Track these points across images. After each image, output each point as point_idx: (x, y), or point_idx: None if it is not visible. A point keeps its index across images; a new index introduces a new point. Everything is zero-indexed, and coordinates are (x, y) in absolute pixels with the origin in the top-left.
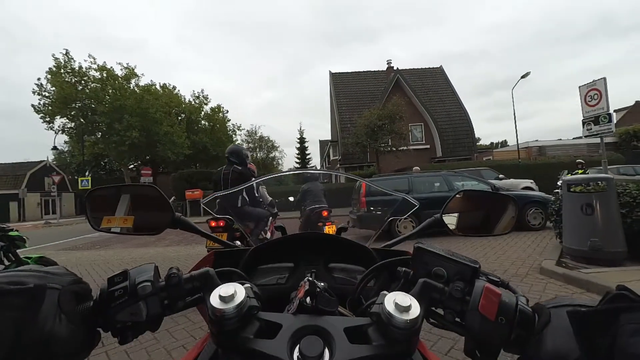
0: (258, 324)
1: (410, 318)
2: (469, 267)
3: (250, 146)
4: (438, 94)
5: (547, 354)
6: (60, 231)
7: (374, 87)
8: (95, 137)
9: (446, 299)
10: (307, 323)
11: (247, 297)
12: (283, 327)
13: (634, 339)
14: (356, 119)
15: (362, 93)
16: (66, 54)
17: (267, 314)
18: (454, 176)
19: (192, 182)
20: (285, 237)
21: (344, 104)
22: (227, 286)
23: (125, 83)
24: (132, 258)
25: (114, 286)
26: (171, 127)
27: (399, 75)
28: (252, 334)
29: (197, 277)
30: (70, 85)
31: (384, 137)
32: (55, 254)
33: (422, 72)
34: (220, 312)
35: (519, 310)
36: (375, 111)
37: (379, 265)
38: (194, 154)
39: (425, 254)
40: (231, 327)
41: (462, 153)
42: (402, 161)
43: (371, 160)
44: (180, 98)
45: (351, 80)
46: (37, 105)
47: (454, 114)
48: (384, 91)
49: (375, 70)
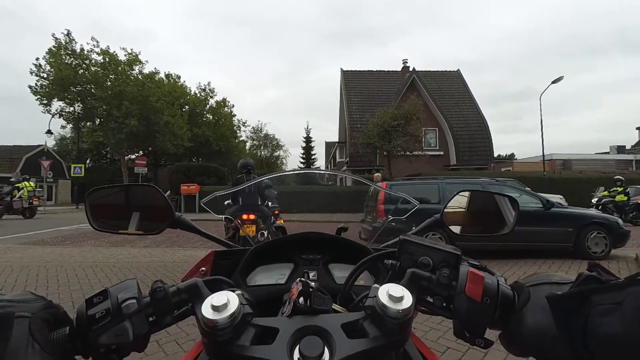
0: (254, 331)
1: (403, 308)
2: (453, 254)
3: (255, 143)
4: (454, 99)
5: (528, 329)
6: (42, 221)
7: (387, 87)
8: (94, 123)
9: (434, 286)
10: (304, 324)
11: (240, 304)
12: (280, 331)
13: (604, 319)
14: (368, 118)
15: (374, 92)
16: (67, 35)
17: (262, 320)
18: (495, 185)
19: (190, 176)
20: (285, 237)
21: (354, 103)
22: (219, 295)
23: (128, 69)
24: (98, 260)
25: (93, 307)
26: (172, 118)
27: (415, 75)
28: (248, 342)
29: (184, 289)
30: (69, 67)
31: (397, 139)
32: (12, 249)
33: (438, 75)
34: (213, 323)
35: (501, 290)
36: (390, 110)
37: (366, 259)
38: (195, 147)
39: (410, 245)
40: (225, 337)
41: (478, 162)
42: (415, 166)
43: (380, 164)
44: (185, 89)
45: (363, 79)
46: (34, 87)
47: (470, 121)
48: (399, 91)
49: (388, 70)
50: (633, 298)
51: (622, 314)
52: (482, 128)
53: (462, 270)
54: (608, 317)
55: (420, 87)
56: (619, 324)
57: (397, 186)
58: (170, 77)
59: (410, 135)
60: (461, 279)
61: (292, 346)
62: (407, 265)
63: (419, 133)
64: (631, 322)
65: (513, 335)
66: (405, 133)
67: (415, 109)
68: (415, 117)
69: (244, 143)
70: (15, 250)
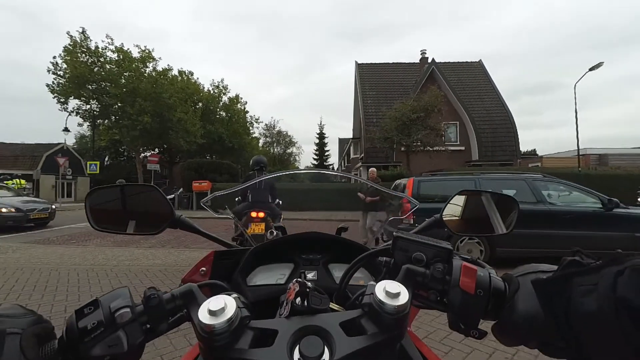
0: (252, 334)
1: (400, 303)
2: (445, 249)
3: (268, 140)
4: (476, 91)
5: (519, 316)
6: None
7: (404, 79)
8: (110, 121)
9: (429, 280)
10: (303, 324)
11: (237, 308)
12: (279, 332)
13: (583, 299)
14: (384, 111)
15: (390, 86)
16: (82, 33)
17: (260, 322)
18: (542, 181)
19: (201, 173)
20: (285, 237)
21: (370, 96)
22: (216, 299)
23: (142, 66)
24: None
25: (84, 318)
26: (185, 114)
27: (434, 67)
28: (246, 345)
29: (179, 295)
30: (84, 65)
31: (417, 133)
32: (14, 248)
33: (458, 67)
34: (210, 328)
35: (493, 282)
36: (409, 102)
37: (360, 258)
38: (208, 144)
39: (404, 241)
40: (223, 342)
41: (502, 157)
42: (435, 162)
43: (397, 160)
44: (199, 86)
45: (379, 72)
46: (51, 85)
47: (494, 114)
48: (417, 84)
49: (405, 62)
50: (606, 278)
51: (597, 293)
52: (507, 121)
53: (455, 264)
54: (587, 297)
55: (440, 79)
56: (596, 303)
57: (426, 183)
58: (183, 74)
59: (431, 128)
60: (455, 272)
61: (291, 347)
62: (401, 262)
63: (440, 126)
64: (604, 300)
65: (505, 324)
66: (425, 126)
67: (437, 100)
68: (437, 110)
69: (256, 140)
70: (17, 249)
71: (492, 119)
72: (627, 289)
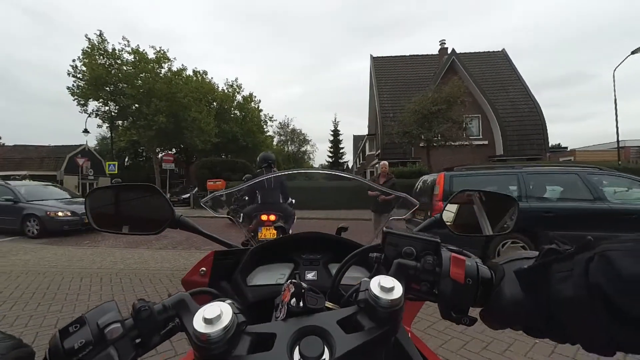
0: (249, 339)
1: (395, 297)
2: (433, 242)
3: (282, 139)
4: (500, 82)
5: (506, 302)
6: None
7: (421, 72)
8: (127, 122)
9: (420, 273)
10: (301, 325)
11: (234, 314)
12: (277, 335)
13: (561, 285)
14: (403, 104)
15: (407, 79)
16: (100, 35)
17: (257, 327)
18: (598, 175)
19: (216, 172)
20: (285, 237)
21: (386, 91)
22: (211, 307)
23: (157, 66)
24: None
25: (69, 337)
26: (199, 114)
27: (454, 57)
28: (244, 351)
29: (171, 306)
30: (101, 67)
31: (438, 126)
32: (25, 249)
33: (479, 57)
34: (206, 337)
35: (480, 270)
36: (430, 94)
37: (352, 255)
38: (223, 143)
39: (394, 237)
40: (220, 350)
41: (529, 152)
42: (458, 158)
43: (416, 156)
44: (213, 86)
45: (395, 65)
46: (71, 87)
47: (520, 105)
48: (436, 76)
49: (423, 54)
50: (579, 264)
51: (572, 279)
52: (534, 113)
53: (444, 255)
54: (564, 283)
55: (461, 70)
56: (572, 288)
57: (459, 178)
58: (197, 73)
59: (453, 121)
60: (444, 264)
61: (291, 349)
62: (392, 257)
63: (463, 119)
64: (578, 286)
65: (492, 310)
66: (447, 119)
67: (459, 91)
68: (460, 101)
69: (271, 138)
70: (30, 251)
71: (518, 110)
72: (598, 274)
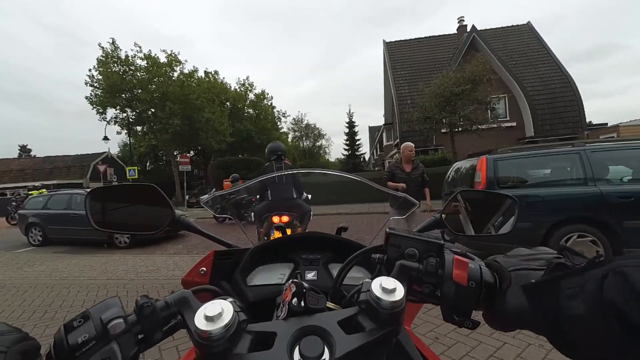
0: (250, 338)
1: (397, 299)
2: (436, 244)
3: (297, 135)
4: (526, 57)
5: (510, 311)
6: None
7: (439, 54)
8: (144, 127)
9: (423, 275)
10: (301, 325)
11: (235, 312)
12: (278, 334)
13: (570, 302)
14: (421, 88)
15: (424, 62)
16: (112, 43)
17: (258, 325)
18: None
19: (231, 172)
20: (285, 237)
21: (401, 76)
22: (212, 304)
23: (169, 70)
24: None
25: (73, 331)
26: (212, 114)
27: (475, 34)
28: (245, 350)
29: (174, 303)
30: (116, 74)
31: (463, 108)
32: (41, 260)
33: (502, 32)
34: (207, 334)
35: (483, 273)
36: (451, 74)
37: (354, 256)
38: (238, 142)
39: (396, 238)
40: (221, 348)
41: (563, 131)
42: (482, 143)
43: (438, 143)
44: (225, 85)
45: (410, 49)
46: (89, 97)
47: (550, 81)
48: (455, 56)
49: (439, 35)
50: (591, 281)
51: (583, 296)
52: (568, 88)
53: (447, 258)
54: (574, 300)
55: (483, 47)
56: (582, 305)
57: (505, 162)
58: (209, 74)
59: (479, 102)
60: (447, 266)
61: (291, 348)
62: (394, 258)
63: (489, 100)
64: (590, 303)
65: (496, 315)
66: (472, 100)
67: (484, 68)
68: (486, 79)
69: (285, 135)
70: (46, 261)
71: (549, 87)
72: (613, 291)
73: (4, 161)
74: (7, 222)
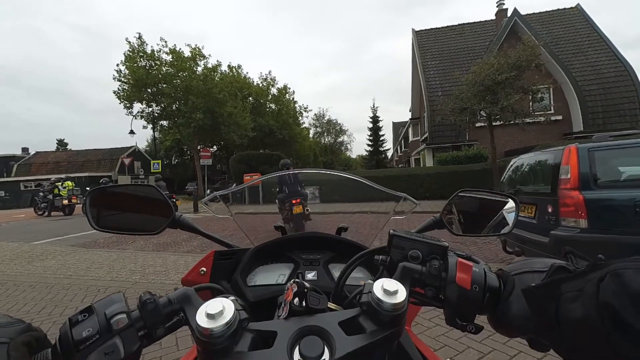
0: (251, 336)
1: (398, 301)
2: (440, 247)
3: (318, 130)
4: (575, 44)
5: (513, 316)
6: None
7: (474, 42)
8: (169, 122)
9: (426, 277)
10: (302, 325)
11: (236, 310)
12: (278, 334)
13: (571, 305)
14: (454, 80)
15: (457, 52)
16: (139, 38)
17: (259, 324)
18: None
19: (252, 166)
20: (285, 237)
21: (432, 67)
22: (214, 302)
23: (193, 64)
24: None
25: (78, 325)
26: (234, 108)
27: (517, 18)
28: (246, 348)
29: (176, 299)
30: (142, 69)
31: (507, 98)
32: (57, 253)
33: (548, 16)
34: (208, 332)
35: (488, 278)
36: (493, 60)
37: (357, 257)
38: (260, 137)
39: (400, 239)
40: (222, 345)
41: (619, 126)
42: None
43: (471, 138)
44: (248, 80)
45: (441, 38)
46: (117, 91)
47: (604, 69)
48: (493, 44)
49: (474, 22)
50: (590, 284)
51: (583, 299)
52: (625, 77)
53: (450, 261)
54: (574, 303)
55: (526, 33)
56: (582, 309)
57: (604, 152)
58: (233, 68)
59: (525, 91)
60: (451, 269)
61: (291, 348)
62: (397, 260)
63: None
64: (589, 307)
65: (500, 320)
66: (517, 89)
67: (532, 53)
68: (535, 65)
69: (307, 130)
70: (58, 255)
71: (602, 76)
72: (609, 294)
73: (42, 154)
74: (35, 212)
